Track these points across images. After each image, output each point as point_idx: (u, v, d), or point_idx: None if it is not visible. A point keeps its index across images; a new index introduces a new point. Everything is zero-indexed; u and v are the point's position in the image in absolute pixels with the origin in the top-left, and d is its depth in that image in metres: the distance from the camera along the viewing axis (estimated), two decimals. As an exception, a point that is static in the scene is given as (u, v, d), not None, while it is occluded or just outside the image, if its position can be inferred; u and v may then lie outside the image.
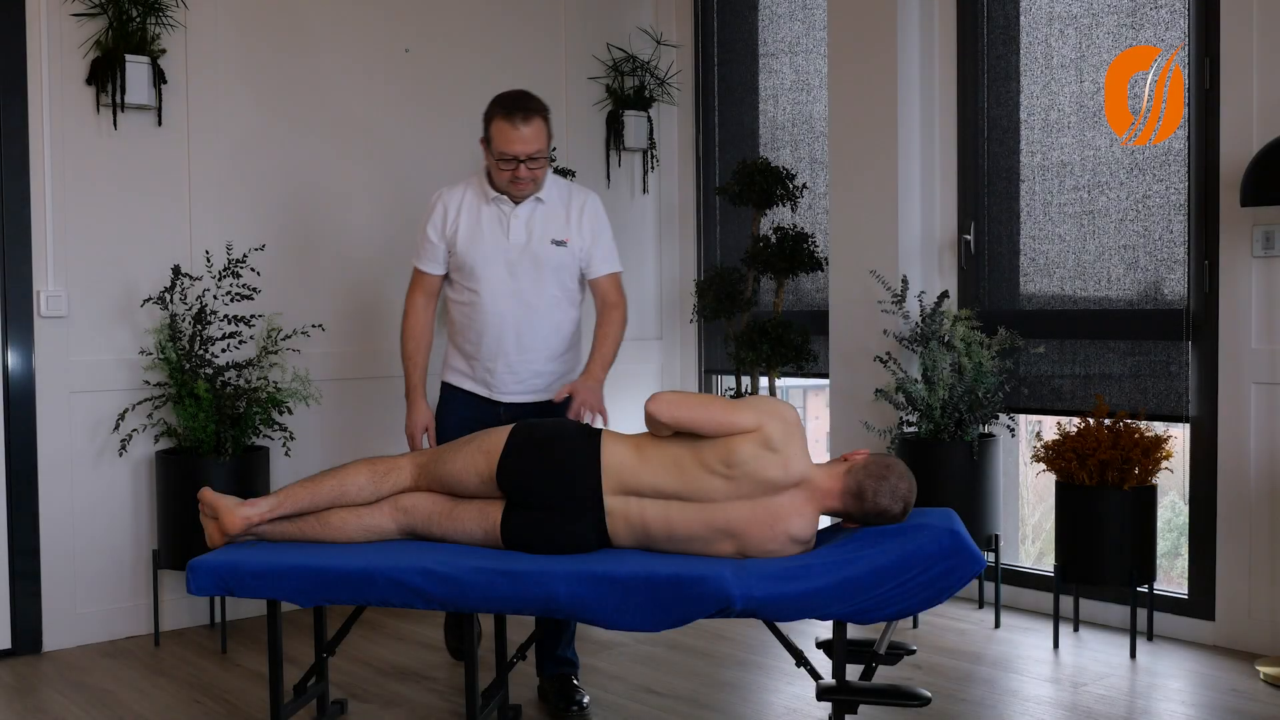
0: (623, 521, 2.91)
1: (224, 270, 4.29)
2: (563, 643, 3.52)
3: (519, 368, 3.45)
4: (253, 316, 4.31)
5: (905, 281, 4.47)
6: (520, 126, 3.32)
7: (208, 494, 3.06)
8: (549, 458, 2.94)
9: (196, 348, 4.18)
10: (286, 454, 4.39)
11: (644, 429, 3.00)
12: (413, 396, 3.56)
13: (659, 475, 2.89)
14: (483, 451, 3.00)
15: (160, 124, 4.36)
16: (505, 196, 3.43)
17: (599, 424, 3.33)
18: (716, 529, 2.86)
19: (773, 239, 4.90)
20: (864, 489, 2.87)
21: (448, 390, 3.59)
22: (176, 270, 4.22)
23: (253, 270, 4.37)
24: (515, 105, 3.35)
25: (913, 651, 2.97)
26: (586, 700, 3.48)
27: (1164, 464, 3.94)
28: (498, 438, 3.01)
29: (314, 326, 4.58)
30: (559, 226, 3.46)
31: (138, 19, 4.22)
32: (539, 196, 3.44)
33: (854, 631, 3.00)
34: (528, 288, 3.43)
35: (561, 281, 3.48)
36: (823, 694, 2.77)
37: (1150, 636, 4.08)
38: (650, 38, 5.70)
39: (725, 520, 2.85)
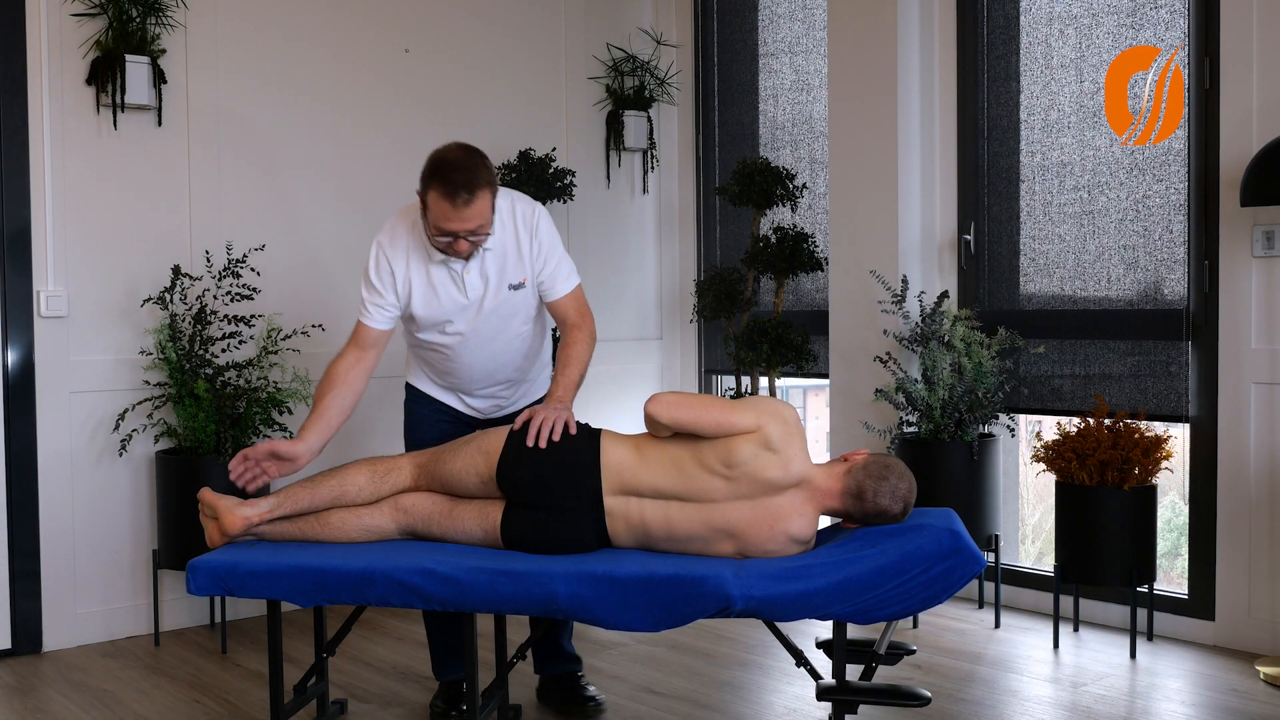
0: (623, 521, 2.91)
1: (224, 270, 4.29)
2: (564, 637, 3.51)
3: (490, 393, 3.37)
4: (253, 316, 4.32)
5: (905, 281, 4.47)
6: (461, 208, 2.95)
7: (207, 494, 3.06)
8: (549, 458, 2.93)
9: (196, 348, 4.18)
10: (286, 454, 4.39)
11: (644, 429, 3.00)
12: (301, 436, 3.10)
13: (659, 475, 2.89)
14: (482, 452, 3.00)
15: (160, 124, 4.36)
16: (447, 258, 3.12)
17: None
18: (716, 529, 2.86)
19: (773, 239, 4.90)
20: (864, 489, 2.87)
21: (416, 395, 3.45)
22: (176, 270, 4.22)
23: (253, 270, 4.37)
24: (456, 182, 2.94)
25: (913, 651, 2.97)
26: (601, 696, 3.47)
27: (1164, 464, 3.94)
28: (497, 438, 3.01)
29: (314, 326, 4.58)
30: (513, 268, 3.16)
31: (138, 19, 4.22)
32: (486, 245, 3.11)
33: (854, 631, 3.00)
34: (492, 335, 3.22)
35: (524, 315, 3.26)
36: (823, 694, 2.77)
37: (1150, 636, 4.08)
38: (650, 38, 5.70)
39: (725, 520, 2.85)
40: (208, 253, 4.41)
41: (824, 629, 4.00)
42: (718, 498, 2.85)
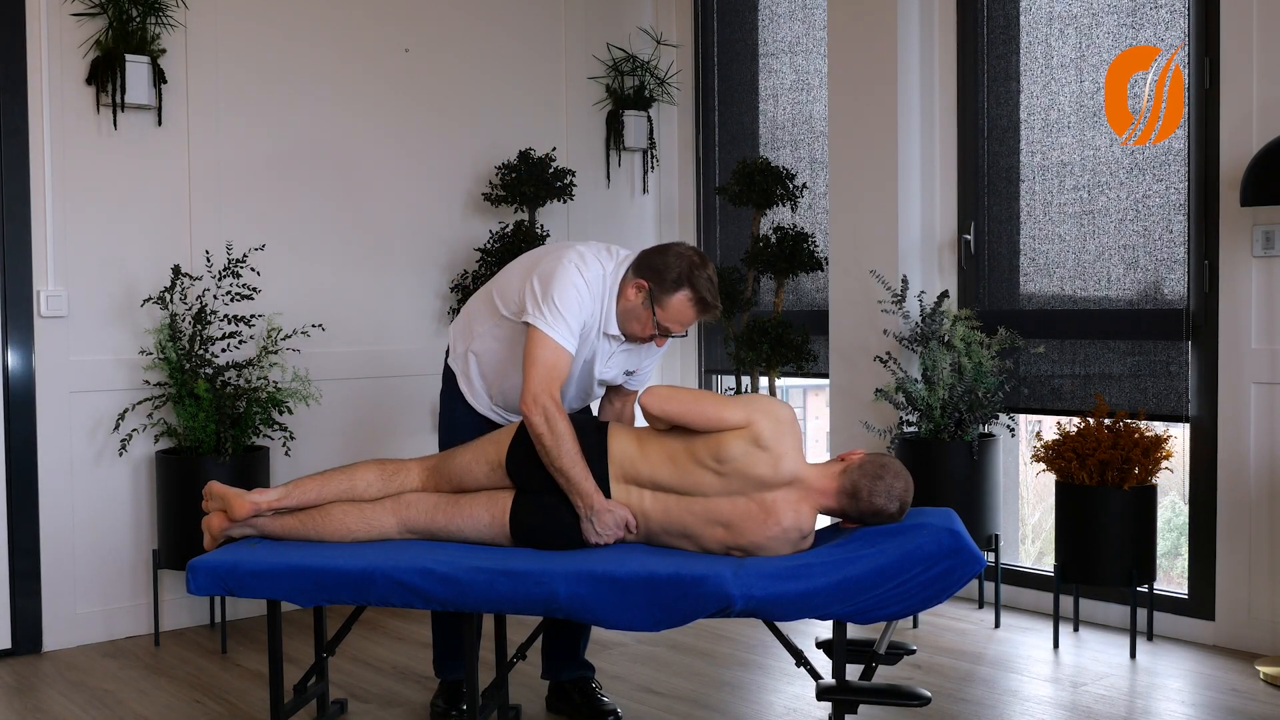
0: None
1: (224, 270, 4.29)
2: (582, 643, 3.46)
3: None
4: (253, 316, 4.32)
5: (905, 281, 4.47)
6: (702, 316, 3.07)
7: (216, 485, 3.09)
8: None
9: (196, 348, 4.18)
10: (286, 454, 4.39)
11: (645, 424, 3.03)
12: (593, 492, 2.94)
13: (657, 468, 2.91)
14: (493, 442, 3.05)
15: (160, 124, 4.36)
16: (622, 337, 3.13)
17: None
18: (711, 522, 2.88)
19: (773, 239, 4.90)
20: (859, 489, 2.87)
21: (461, 406, 3.36)
22: (176, 270, 4.22)
23: (253, 270, 4.37)
24: (711, 303, 3.03)
25: (913, 651, 2.97)
26: (619, 710, 3.39)
27: (1164, 464, 3.94)
28: (508, 430, 3.05)
29: (314, 326, 4.58)
30: (636, 358, 3.24)
31: (138, 19, 4.22)
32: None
33: (854, 631, 3.00)
34: (588, 390, 3.27)
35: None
36: (823, 694, 2.77)
37: (1150, 636, 4.08)
38: (650, 38, 5.70)
39: (719, 514, 2.87)
40: (208, 253, 4.41)
41: (824, 629, 4.00)
42: (711, 492, 2.86)
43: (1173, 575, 4.51)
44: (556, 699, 3.48)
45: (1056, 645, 4.06)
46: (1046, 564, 4.72)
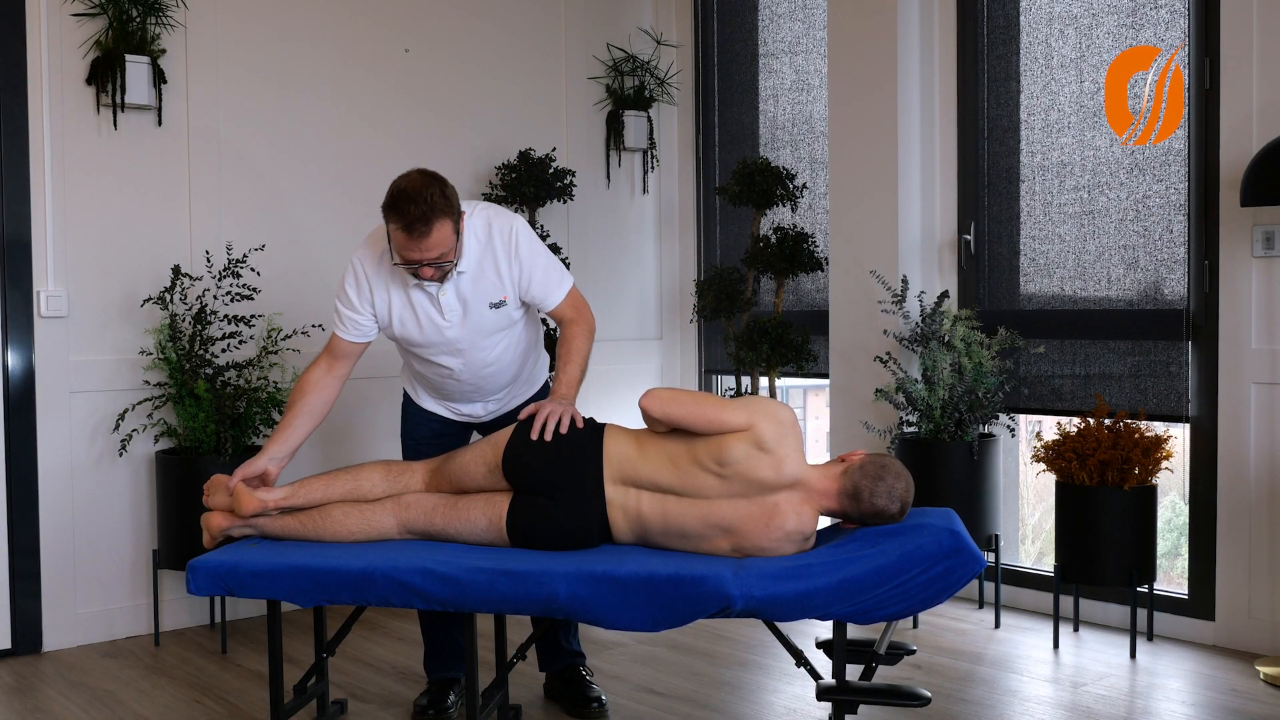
0: (621, 512, 2.93)
1: (224, 270, 4.29)
2: (563, 636, 3.51)
3: (485, 401, 3.39)
4: (253, 316, 4.32)
5: (905, 281, 4.47)
6: (419, 239, 2.91)
7: (220, 478, 3.13)
8: (553, 445, 2.96)
9: (196, 348, 4.18)
10: (286, 454, 4.39)
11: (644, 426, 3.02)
12: (264, 448, 3.16)
13: (656, 469, 2.90)
14: (490, 444, 3.05)
15: (160, 124, 4.36)
16: (421, 281, 3.08)
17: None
18: (712, 525, 2.86)
19: (773, 239, 4.90)
20: (860, 490, 2.87)
21: (409, 401, 3.48)
22: (176, 270, 4.22)
23: (253, 270, 4.37)
24: (411, 214, 2.89)
25: (913, 651, 2.97)
26: (605, 696, 3.46)
27: (1164, 464, 3.94)
28: (505, 432, 3.06)
29: (314, 326, 4.58)
30: (492, 287, 3.13)
31: (138, 19, 4.22)
32: (459, 269, 3.08)
33: (854, 631, 3.00)
34: (478, 352, 3.21)
35: (509, 328, 3.23)
36: (823, 694, 2.77)
37: (1150, 636, 4.08)
38: (650, 38, 5.70)
39: (721, 517, 2.85)
40: (208, 253, 4.41)
41: (824, 629, 4.00)
42: (712, 495, 2.86)
43: (1173, 575, 4.51)
44: (551, 690, 3.55)
45: (1056, 645, 4.06)
46: (1046, 564, 4.72)
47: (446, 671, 3.46)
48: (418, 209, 2.89)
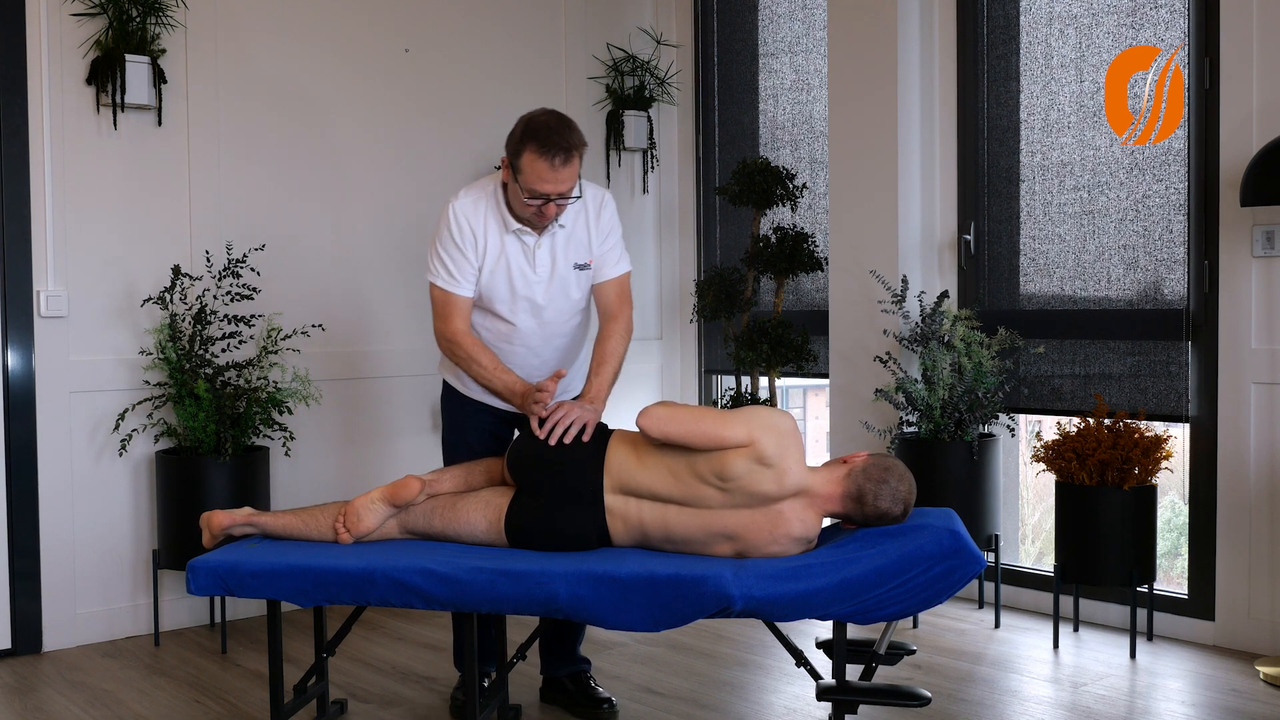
0: (621, 520, 2.92)
1: (224, 270, 4.29)
2: (578, 640, 3.50)
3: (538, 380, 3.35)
4: (253, 316, 4.32)
5: (905, 281, 4.47)
6: (559, 169, 2.97)
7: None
8: (556, 448, 2.96)
9: (196, 348, 4.18)
10: (286, 454, 4.39)
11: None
12: (518, 386, 3.12)
13: (656, 480, 2.89)
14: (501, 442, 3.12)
15: (160, 124, 4.36)
16: (527, 227, 3.14)
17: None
18: (715, 533, 2.86)
19: (773, 239, 4.90)
20: (864, 493, 2.86)
21: (454, 396, 3.41)
22: (176, 270, 4.22)
23: (253, 270, 4.37)
24: (555, 143, 2.95)
25: (913, 651, 2.97)
26: (614, 698, 3.46)
27: (1164, 464, 3.94)
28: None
29: (314, 326, 4.58)
30: (581, 249, 3.20)
31: (138, 19, 4.22)
32: (559, 222, 3.15)
33: (854, 631, 3.00)
34: (552, 316, 3.23)
35: (580, 298, 3.28)
36: (823, 694, 2.77)
37: (1150, 636, 4.08)
38: (650, 38, 5.70)
39: (723, 525, 2.85)
40: (208, 253, 4.41)
41: (824, 629, 4.00)
42: (714, 505, 2.85)
43: (1173, 575, 4.52)
44: (551, 690, 3.52)
45: (1056, 645, 4.06)
46: (1046, 564, 4.72)
47: (482, 666, 3.46)
48: (560, 139, 2.96)
